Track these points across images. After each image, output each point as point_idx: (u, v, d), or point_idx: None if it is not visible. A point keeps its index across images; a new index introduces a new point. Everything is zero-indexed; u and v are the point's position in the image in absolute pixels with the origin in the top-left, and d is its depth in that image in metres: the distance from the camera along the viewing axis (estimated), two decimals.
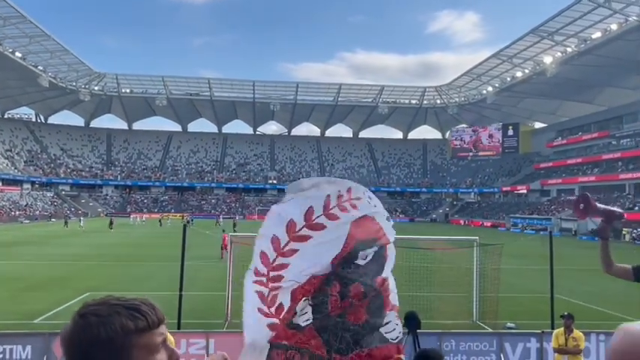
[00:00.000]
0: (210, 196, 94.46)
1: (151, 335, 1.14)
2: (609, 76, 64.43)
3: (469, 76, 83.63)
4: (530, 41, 63.97)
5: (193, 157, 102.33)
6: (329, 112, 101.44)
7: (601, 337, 9.68)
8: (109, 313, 1.12)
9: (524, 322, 12.98)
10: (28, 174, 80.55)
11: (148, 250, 31.79)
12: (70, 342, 1.11)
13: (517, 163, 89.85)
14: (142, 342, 1.13)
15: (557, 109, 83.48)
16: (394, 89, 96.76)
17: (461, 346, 9.88)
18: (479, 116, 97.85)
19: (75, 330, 1.11)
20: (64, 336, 1.13)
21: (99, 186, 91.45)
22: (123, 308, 1.13)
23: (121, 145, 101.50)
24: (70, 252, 29.16)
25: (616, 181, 61.78)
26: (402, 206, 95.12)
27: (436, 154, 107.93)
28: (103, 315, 1.11)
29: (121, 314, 1.12)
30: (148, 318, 1.14)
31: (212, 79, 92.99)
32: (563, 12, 54.80)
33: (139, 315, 1.14)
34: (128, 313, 1.13)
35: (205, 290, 17.10)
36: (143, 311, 1.15)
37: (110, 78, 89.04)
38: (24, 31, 62.09)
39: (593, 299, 17.17)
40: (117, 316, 1.11)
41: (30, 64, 70.59)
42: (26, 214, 67.57)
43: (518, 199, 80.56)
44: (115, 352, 1.10)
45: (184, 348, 9.36)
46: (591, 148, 72.77)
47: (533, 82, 73.81)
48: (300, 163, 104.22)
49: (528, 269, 22.35)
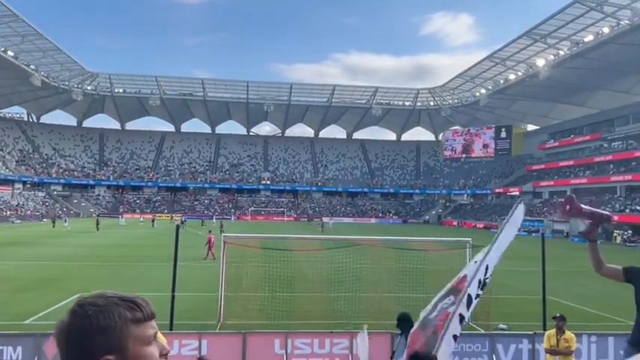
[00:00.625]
0: (204, 196, 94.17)
1: (145, 327, 1.18)
2: (601, 79, 64.90)
3: (462, 78, 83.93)
4: (524, 44, 64.30)
5: (186, 157, 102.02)
6: (323, 113, 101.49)
7: (592, 339, 9.74)
8: (107, 304, 1.15)
9: (517, 324, 13.02)
10: (19, 174, 79.95)
11: (138, 250, 31.60)
12: (68, 332, 1.12)
13: (510, 165, 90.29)
14: (137, 332, 1.16)
15: (550, 112, 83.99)
16: (388, 91, 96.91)
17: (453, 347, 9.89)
18: (472, 118, 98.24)
19: (74, 320, 1.13)
20: (61, 328, 1.14)
21: (91, 186, 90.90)
22: (120, 300, 1.18)
23: (113, 145, 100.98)
24: (59, 252, 28.95)
25: (607, 183, 62.19)
26: (395, 207, 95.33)
27: (429, 156, 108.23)
28: (102, 305, 1.14)
29: (118, 305, 1.16)
30: (144, 310, 1.19)
31: (206, 80, 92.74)
32: (556, 15, 55.10)
33: (135, 306, 1.18)
34: (125, 304, 1.17)
35: (198, 291, 17.05)
36: (139, 303, 1.19)
37: (103, 78, 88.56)
38: (16, 29, 61.65)
39: (585, 301, 17.26)
40: (115, 307, 1.15)
41: (22, 63, 70.08)
42: (17, 214, 67.09)
43: (511, 201, 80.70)
44: (112, 341, 1.13)
45: (177, 349, 9.32)
46: (583, 151, 73.24)
47: (526, 85, 74.21)
48: (294, 164, 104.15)
49: (520, 271, 22.44)
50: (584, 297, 18.00)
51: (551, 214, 62.60)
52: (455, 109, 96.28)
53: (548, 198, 72.91)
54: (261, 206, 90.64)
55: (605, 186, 62.50)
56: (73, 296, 15.79)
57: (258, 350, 9.65)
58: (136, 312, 1.17)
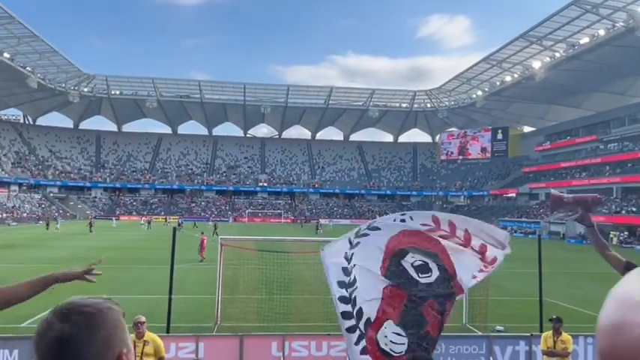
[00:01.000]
0: (200, 198, 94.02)
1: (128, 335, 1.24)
2: (597, 81, 65.16)
3: (459, 80, 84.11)
4: (520, 46, 64.47)
5: (183, 159, 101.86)
6: (320, 115, 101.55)
7: (589, 340, 9.77)
8: (98, 302, 1.20)
9: (513, 325, 13.05)
10: (15, 176, 79.67)
11: (134, 252, 31.48)
12: (81, 335, 1.12)
13: (506, 167, 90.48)
14: (125, 336, 1.21)
15: (546, 114, 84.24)
16: (385, 93, 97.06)
17: (450, 350, 9.91)
18: (468, 120, 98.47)
19: (84, 319, 1.14)
20: (67, 334, 1.12)
21: (87, 188, 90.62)
22: (112, 303, 1.22)
23: (110, 147, 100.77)
24: (55, 255, 28.81)
25: (603, 184, 62.37)
26: (393, 209, 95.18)
27: (426, 158, 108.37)
28: (97, 305, 1.18)
29: (107, 302, 1.22)
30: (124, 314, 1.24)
31: (202, 82, 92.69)
32: (551, 17, 55.29)
33: (116, 304, 1.24)
34: (108, 302, 1.22)
35: (195, 293, 17.02)
36: (115, 302, 1.25)
37: (100, 79, 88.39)
38: (12, 31, 61.48)
39: (582, 302, 17.30)
40: (107, 303, 1.21)
41: (18, 65, 69.92)
42: (14, 216, 66.86)
43: (507, 203, 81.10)
44: (123, 335, 1.19)
45: (174, 352, 9.29)
46: (579, 152, 73.44)
47: (522, 87, 74.43)
48: (291, 166, 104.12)
49: (517, 272, 22.45)
50: (580, 298, 18.04)
51: (548, 215, 62.76)
52: (451, 111, 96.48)
53: (544, 199, 73.03)
54: (258, 208, 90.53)
55: (601, 187, 62.61)
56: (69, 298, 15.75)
57: (255, 352, 9.64)
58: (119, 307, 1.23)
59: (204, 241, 27.20)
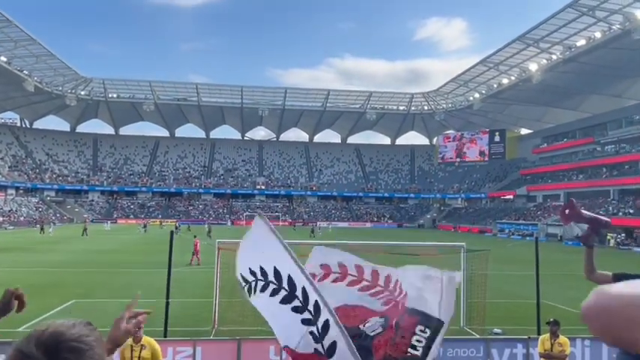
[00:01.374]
0: (198, 201, 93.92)
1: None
2: (594, 84, 65.41)
3: (456, 83, 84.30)
4: (517, 48, 64.69)
5: (181, 162, 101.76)
6: (317, 118, 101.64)
7: (586, 343, 9.77)
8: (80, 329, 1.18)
9: (511, 328, 13.05)
10: (12, 179, 79.49)
11: (130, 256, 31.39)
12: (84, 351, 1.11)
13: (503, 169, 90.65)
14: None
15: (543, 116, 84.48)
16: (382, 95, 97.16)
17: (448, 352, 9.90)
18: (466, 122, 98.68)
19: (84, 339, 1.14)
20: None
21: (85, 192, 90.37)
22: (91, 328, 1.22)
23: (107, 151, 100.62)
24: (51, 259, 28.73)
25: (601, 186, 62.55)
26: (390, 212, 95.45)
27: (424, 160, 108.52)
28: (90, 342, 1.16)
29: (97, 336, 1.21)
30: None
31: (200, 85, 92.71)
32: (548, 20, 55.53)
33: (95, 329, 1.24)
34: (94, 329, 1.22)
35: (192, 297, 16.98)
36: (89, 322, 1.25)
37: (97, 83, 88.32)
38: (9, 35, 61.46)
39: (579, 304, 16.78)
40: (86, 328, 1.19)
41: (15, 68, 69.83)
42: (10, 220, 66.65)
43: (505, 205, 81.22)
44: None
45: (171, 356, 9.26)
46: (576, 154, 73.66)
47: (519, 89, 74.66)
48: (289, 169, 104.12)
49: (515, 275, 22.50)
50: (578, 301, 17.57)
51: (545, 217, 62.86)
52: (449, 114, 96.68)
53: (542, 202, 73.21)
54: (256, 211, 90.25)
55: (598, 189, 62.84)
56: (66, 303, 15.74)
57: (252, 356, 9.62)
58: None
59: (197, 244, 27.16)
